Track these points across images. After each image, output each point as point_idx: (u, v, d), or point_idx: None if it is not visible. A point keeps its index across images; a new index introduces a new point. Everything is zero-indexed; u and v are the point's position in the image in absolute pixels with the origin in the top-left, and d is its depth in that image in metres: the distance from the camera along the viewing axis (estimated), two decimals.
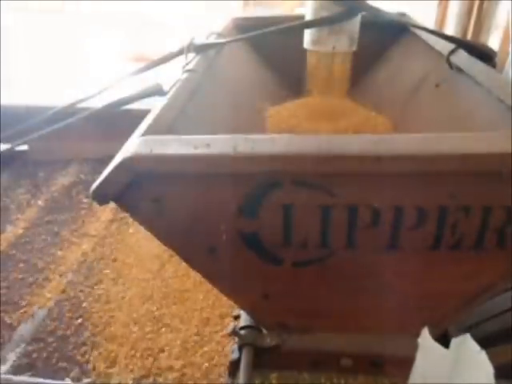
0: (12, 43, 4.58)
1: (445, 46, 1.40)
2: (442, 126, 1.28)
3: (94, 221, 2.22)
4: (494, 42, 3.38)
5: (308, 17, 1.38)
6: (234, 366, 0.95)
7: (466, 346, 0.66)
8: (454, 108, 1.27)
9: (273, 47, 1.82)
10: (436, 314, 0.90)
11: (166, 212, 0.78)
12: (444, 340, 0.91)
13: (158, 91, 1.18)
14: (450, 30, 3.73)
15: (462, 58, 1.30)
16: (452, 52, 1.31)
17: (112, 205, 0.80)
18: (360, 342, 0.94)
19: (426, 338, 0.71)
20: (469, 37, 3.64)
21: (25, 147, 2.61)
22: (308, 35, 1.42)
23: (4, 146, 1.51)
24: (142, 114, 1.22)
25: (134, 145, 0.76)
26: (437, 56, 1.46)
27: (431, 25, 3.70)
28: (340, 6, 1.24)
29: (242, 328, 0.96)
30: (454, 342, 0.69)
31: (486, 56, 1.23)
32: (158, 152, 0.72)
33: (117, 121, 2.09)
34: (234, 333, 0.94)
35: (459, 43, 1.32)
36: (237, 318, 1.02)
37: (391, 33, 1.85)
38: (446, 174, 0.71)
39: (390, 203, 0.75)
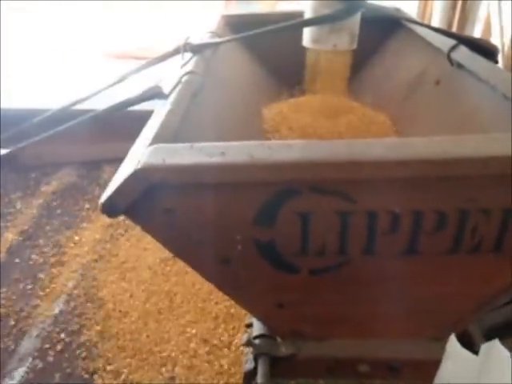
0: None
1: (443, 42, 1.39)
2: (446, 124, 1.27)
3: (91, 225, 2.17)
4: (477, 35, 3.43)
5: (308, 15, 1.36)
6: (249, 376, 0.93)
7: (495, 350, 0.65)
8: (457, 105, 1.26)
9: (267, 45, 1.79)
10: (453, 316, 0.89)
11: (179, 223, 0.76)
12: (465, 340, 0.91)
13: (157, 94, 1.14)
14: (435, 23, 3.77)
15: (462, 54, 1.29)
16: (453, 48, 1.30)
17: None
18: (377, 347, 0.93)
19: (453, 344, 0.70)
20: (454, 29, 3.67)
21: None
22: (308, 33, 1.39)
23: (3, 151, 1.45)
24: (135, 116, 1.17)
25: (144, 154, 0.73)
26: (435, 52, 1.45)
27: None
28: (340, 3, 1.22)
29: (256, 337, 0.94)
30: (483, 347, 0.68)
31: (487, 52, 1.22)
32: (172, 162, 0.69)
33: (109, 123, 2.03)
34: (249, 343, 0.92)
35: (459, 39, 1.31)
36: (249, 326, 1.00)
37: (385, 28, 1.83)
38: (467, 177, 0.70)
39: (410, 208, 0.73)
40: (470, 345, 0.90)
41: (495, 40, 3.03)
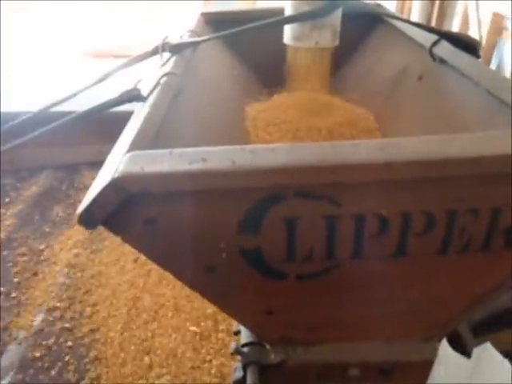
0: None
1: (425, 37, 1.38)
2: (430, 120, 1.26)
3: (70, 231, 2.11)
4: (455, 28, 3.47)
5: (288, 12, 1.33)
6: None
7: (488, 355, 0.64)
8: (441, 101, 1.25)
9: (247, 42, 1.76)
10: (443, 317, 0.88)
11: (161, 233, 0.73)
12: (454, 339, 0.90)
13: (136, 97, 1.10)
14: (414, 19, 3.81)
15: (444, 49, 1.28)
16: (435, 43, 1.29)
17: None
18: (367, 351, 0.92)
19: (445, 348, 0.68)
20: (433, 23, 3.70)
21: None
22: (289, 31, 1.37)
23: None
24: (112, 117, 1.13)
25: (121, 162, 0.69)
26: (417, 47, 1.44)
27: None
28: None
29: (245, 345, 0.92)
30: (475, 350, 0.67)
31: (469, 47, 1.21)
32: (150, 170, 0.66)
33: (85, 125, 1.96)
34: (237, 351, 0.89)
35: (441, 34, 1.30)
36: (237, 333, 0.97)
37: (366, 24, 1.82)
38: (455, 177, 0.69)
39: (397, 210, 0.72)
40: (460, 344, 0.89)
41: (473, 33, 3.07)
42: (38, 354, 1.49)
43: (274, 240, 0.74)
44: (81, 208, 0.68)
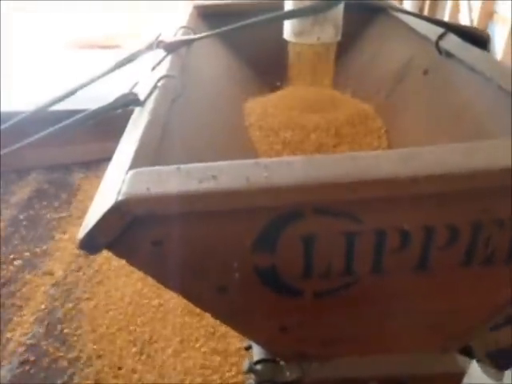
0: None
1: (430, 30, 1.33)
2: (437, 116, 1.22)
3: (63, 236, 2.05)
4: (447, 13, 3.42)
5: (289, 6, 1.27)
6: None
7: None
8: (449, 96, 1.21)
9: (244, 37, 1.70)
10: (462, 328, 0.85)
11: (169, 255, 0.68)
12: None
13: (133, 101, 1.05)
14: (407, 7, 3.76)
15: (452, 42, 1.23)
16: (441, 36, 1.24)
17: None
18: (384, 364, 0.89)
19: (475, 370, 0.65)
20: (425, 13, 3.65)
21: None
22: (289, 26, 1.31)
23: None
24: (103, 116, 1.07)
25: (124, 182, 0.64)
26: (421, 40, 1.39)
27: None
28: None
29: (258, 362, 0.88)
30: (507, 372, 0.64)
31: (478, 40, 1.17)
32: (158, 191, 0.61)
33: None
34: (251, 370, 0.86)
35: (448, 27, 1.25)
36: (248, 348, 0.94)
37: (368, 17, 1.76)
38: (480, 189, 0.65)
39: (420, 224, 0.68)
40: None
41: (463, 17, 3.02)
42: (33, 370, 1.43)
43: (290, 257, 0.70)
44: (82, 233, 0.63)
